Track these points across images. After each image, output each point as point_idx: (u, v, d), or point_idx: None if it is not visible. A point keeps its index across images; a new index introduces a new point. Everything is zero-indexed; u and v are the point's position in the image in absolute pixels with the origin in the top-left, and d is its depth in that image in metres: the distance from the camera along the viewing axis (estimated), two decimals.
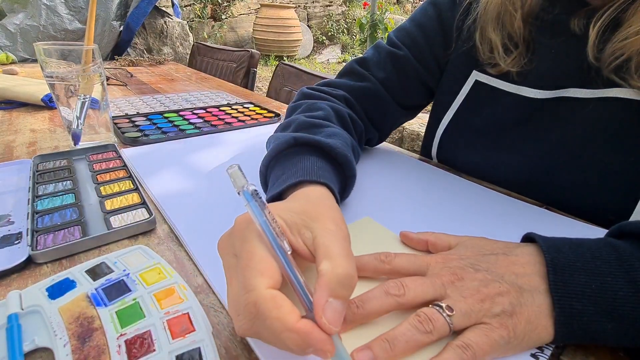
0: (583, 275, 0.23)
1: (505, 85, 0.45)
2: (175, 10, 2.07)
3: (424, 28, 0.52)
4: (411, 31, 0.53)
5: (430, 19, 0.52)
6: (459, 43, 0.50)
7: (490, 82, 0.47)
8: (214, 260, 0.32)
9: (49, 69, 0.49)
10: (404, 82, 0.53)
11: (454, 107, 0.51)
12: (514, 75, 0.44)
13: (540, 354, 0.24)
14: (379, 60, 0.53)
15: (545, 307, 0.24)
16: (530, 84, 0.43)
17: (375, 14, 3.54)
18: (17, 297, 0.26)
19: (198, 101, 0.87)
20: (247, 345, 0.24)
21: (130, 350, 0.23)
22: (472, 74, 0.49)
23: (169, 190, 0.43)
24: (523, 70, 0.43)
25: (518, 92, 0.44)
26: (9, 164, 0.48)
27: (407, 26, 0.54)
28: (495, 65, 0.45)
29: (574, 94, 0.40)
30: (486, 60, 0.45)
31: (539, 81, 0.42)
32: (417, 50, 0.52)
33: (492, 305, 0.24)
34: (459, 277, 0.26)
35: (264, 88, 3.70)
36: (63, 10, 1.51)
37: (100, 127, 0.55)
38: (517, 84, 0.44)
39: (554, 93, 0.41)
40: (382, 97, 0.53)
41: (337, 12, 5.79)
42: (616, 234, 0.27)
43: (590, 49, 0.37)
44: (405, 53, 0.52)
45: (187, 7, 4.49)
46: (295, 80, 1.19)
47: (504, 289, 0.24)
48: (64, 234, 0.34)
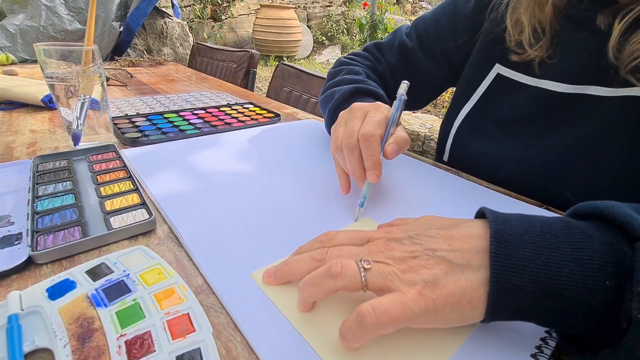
0: (529, 249, 0.21)
1: (526, 79, 0.45)
2: (175, 10, 2.07)
3: (439, 23, 0.55)
4: (427, 23, 0.57)
5: (447, 16, 0.55)
6: (481, 36, 0.52)
7: (512, 76, 0.47)
8: (214, 260, 0.32)
9: (49, 70, 0.49)
10: (408, 71, 0.59)
11: (474, 98, 0.52)
12: (536, 68, 0.44)
13: (541, 354, 0.24)
14: (391, 47, 0.61)
15: (476, 281, 0.22)
16: (553, 78, 0.43)
17: (375, 14, 3.53)
18: (17, 298, 0.26)
19: (198, 101, 0.87)
20: (247, 346, 0.24)
21: (130, 351, 0.23)
22: (495, 67, 0.49)
23: (169, 191, 0.43)
24: (546, 63, 0.43)
25: (540, 85, 0.44)
26: (9, 165, 0.48)
27: (427, 17, 0.58)
28: (521, 51, 0.45)
29: (595, 91, 0.40)
30: (513, 46, 0.45)
31: (562, 75, 0.42)
32: (426, 43, 0.57)
33: (413, 276, 0.23)
34: (390, 248, 0.25)
35: (264, 88, 3.70)
36: (63, 11, 1.51)
37: (100, 127, 0.55)
38: (539, 77, 0.44)
39: (575, 88, 0.41)
40: (387, 81, 0.61)
41: (336, 13, 5.79)
42: (571, 214, 0.25)
43: (611, 47, 0.37)
44: (414, 45, 0.57)
45: (187, 8, 4.49)
46: (295, 80, 1.19)
47: (432, 262, 0.23)
48: (64, 234, 0.34)
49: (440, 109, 3.37)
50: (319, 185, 0.46)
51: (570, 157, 0.42)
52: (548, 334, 0.26)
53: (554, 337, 0.26)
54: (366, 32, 3.69)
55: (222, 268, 0.31)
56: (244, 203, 0.41)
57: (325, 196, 0.44)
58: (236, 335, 0.25)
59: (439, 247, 0.24)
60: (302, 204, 0.42)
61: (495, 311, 0.22)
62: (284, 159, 0.54)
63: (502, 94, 0.49)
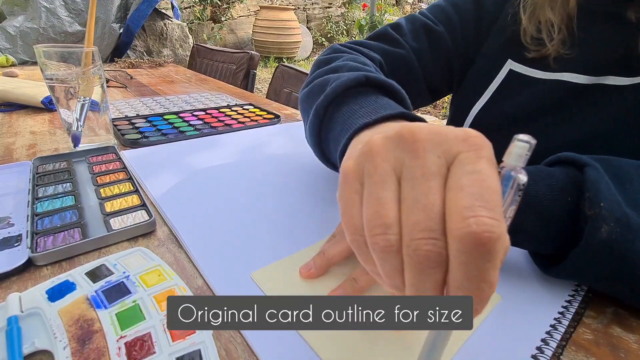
0: None
1: (540, 73, 0.45)
2: (175, 12, 2.07)
3: (459, 8, 0.51)
4: (446, 9, 0.52)
5: (467, 2, 0.51)
6: (494, 31, 0.50)
7: (524, 72, 0.47)
8: (214, 261, 0.32)
9: (48, 71, 0.49)
10: (436, 58, 0.51)
11: (487, 95, 0.50)
12: (551, 62, 0.44)
13: (541, 355, 0.24)
14: (413, 28, 0.51)
15: None
16: (571, 70, 0.43)
17: (374, 16, 3.55)
18: (16, 300, 0.26)
19: (198, 103, 0.87)
20: (247, 347, 0.24)
21: (130, 353, 0.23)
22: (507, 63, 0.48)
23: (168, 192, 0.43)
24: (563, 57, 0.43)
25: (555, 77, 0.44)
26: (9, 166, 0.48)
27: (442, 4, 0.53)
28: (538, 48, 0.44)
29: (613, 81, 0.40)
30: (529, 43, 0.45)
31: (580, 67, 0.42)
32: (451, 28, 0.51)
33: None
34: None
35: (264, 89, 3.70)
36: (63, 12, 1.51)
37: (100, 129, 0.55)
38: (555, 71, 0.44)
39: (594, 79, 0.41)
40: (413, 69, 0.51)
41: (336, 14, 5.80)
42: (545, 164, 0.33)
43: None
44: (441, 29, 0.51)
45: (187, 9, 4.50)
46: (294, 81, 1.19)
47: None
48: (63, 236, 0.34)
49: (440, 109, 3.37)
50: (318, 186, 0.46)
51: (588, 148, 0.42)
52: (548, 335, 0.26)
53: (554, 337, 0.26)
54: (366, 33, 3.70)
55: (222, 269, 0.31)
56: (243, 204, 0.41)
57: (324, 197, 0.44)
58: (236, 336, 0.25)
59: None
60: (301, 205, 0.42)
61: None
62: (283, 160, 0.54)
63: (515, 90, 0.48)
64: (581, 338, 0.26)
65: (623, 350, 0.25)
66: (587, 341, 0.26)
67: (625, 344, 0.26)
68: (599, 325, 0.28)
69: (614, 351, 0.25)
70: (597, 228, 0.26)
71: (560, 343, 0.25)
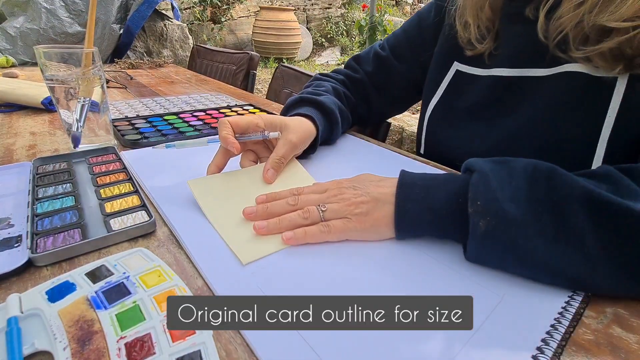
0: (418, 188, 0.35)
1: (480, 70, 0.53)
2: (175, 13, 2.08)
3: (407, 33, 0.66)
4: (397, 35, 0.68)
5: (412, 25, 0.66)
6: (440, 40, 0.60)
7: (468, 70, 0.55)
8: (214, 262, 0.32)
9: (49, 72, 0.49)
10: (384, 76, 0.68)
11: (439, 93, 0.59)
12: (486, 60, 0.52)
13: (541, 355, 0.24)
14: (367, 58, 0.70)
15: (389, 211, 0.35)
16: (499, 65, 0.51)
17: (374, 16, 3.54)
18: (16, 301, 0.26)
19: (198, 103, 0.87)
20: (247, 348, 0.24)
21: (130, 354, 0.23)
22: (453, 65, 0.57)
23: (168, 193, 0.43)
24: (493, 54, 0.51)
25: (490, 73, 0.52)
26: (9, 167, 0.48)
27: (397, 31, 0.69)
28: (472, 47, 0.53)
29: (534, 73, 0.47)
30: (465, 44, 0.54)
31: (506, 61, 0.50)
32: (399, 50, 0.66)
33: (355, 208, 0.36)
34: (341, 192, 0.38)
35: (264, 90, 3.70)
36: (63, 13, 1.52)
37: (100, 129, 0.55)
38: (489, 67, 0.52)
39: (518, 72, 0.49)
40: (366, 87, 0.69)
41: (336, 15, 5.80)
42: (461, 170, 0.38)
43: (539, 29, 0.43)
44: (387, 54, 0.67)
45: (187, 10, 4.50)
46: (294, 82, 1.19)
47: (366, 199, 0.36)
48: (63, 236, 0.34)
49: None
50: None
51: (523, 131, 0.48)
52: (548, 335, 0.26)
53: (554, 337, 0.26)
54: (365, 33, 3.69)
55: (222, 269, 0.31)
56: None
57: None
58: (236, 337, 0.25)
59: (371, 191, 0.37)
60: None
61: (400, 228, 0.35)
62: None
63: (462, 87, 0.56)
64: (581, 338, 0.26)
65: (623, 350, 0.25)
66: (587, 341, 0.26)
67: (625, 344, 0.26)
68: (599, 325, 0.28)
69: (614, 351, 0.25)
70: (476, 222, 0.31)
71: (560, 343, 0.25)
